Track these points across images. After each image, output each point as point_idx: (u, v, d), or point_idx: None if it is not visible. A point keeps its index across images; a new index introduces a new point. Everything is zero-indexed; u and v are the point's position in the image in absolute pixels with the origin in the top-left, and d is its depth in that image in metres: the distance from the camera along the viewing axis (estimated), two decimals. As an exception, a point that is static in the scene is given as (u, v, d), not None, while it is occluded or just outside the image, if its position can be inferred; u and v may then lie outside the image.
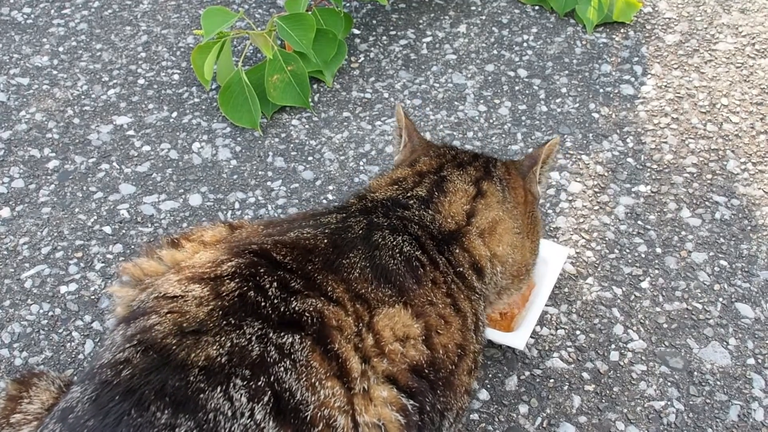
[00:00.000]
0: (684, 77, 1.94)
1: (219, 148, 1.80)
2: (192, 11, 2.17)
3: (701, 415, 1.32)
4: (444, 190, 1.15)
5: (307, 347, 0.88)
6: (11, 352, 1.42)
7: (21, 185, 1.72)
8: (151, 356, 0.84)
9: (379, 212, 1.10)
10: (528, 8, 2.16)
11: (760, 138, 1.79)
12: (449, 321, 1.03)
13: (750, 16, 2.11)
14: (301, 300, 0.92)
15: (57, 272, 1.55)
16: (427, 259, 1.07)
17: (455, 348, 1.02)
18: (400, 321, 0.97)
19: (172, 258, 1.02)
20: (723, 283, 1.51)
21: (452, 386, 1.01)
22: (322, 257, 0.99)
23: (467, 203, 1.14)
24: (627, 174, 1.72)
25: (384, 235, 1.05)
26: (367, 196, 1.15)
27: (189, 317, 0.88)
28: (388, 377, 0.93)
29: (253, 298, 0.91)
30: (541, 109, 1.88)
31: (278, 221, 1.12)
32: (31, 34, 2.11)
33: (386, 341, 0.94)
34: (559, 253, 1.46)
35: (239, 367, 0.84)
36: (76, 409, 0.84)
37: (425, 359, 0.97)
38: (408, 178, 1.19)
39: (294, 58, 1.82)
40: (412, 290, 1.01)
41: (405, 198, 1.13)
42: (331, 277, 0.97)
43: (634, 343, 1.42)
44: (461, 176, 1.18)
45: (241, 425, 0.81)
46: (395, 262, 1.02)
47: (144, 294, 0.96)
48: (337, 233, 1.04)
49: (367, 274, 0.99)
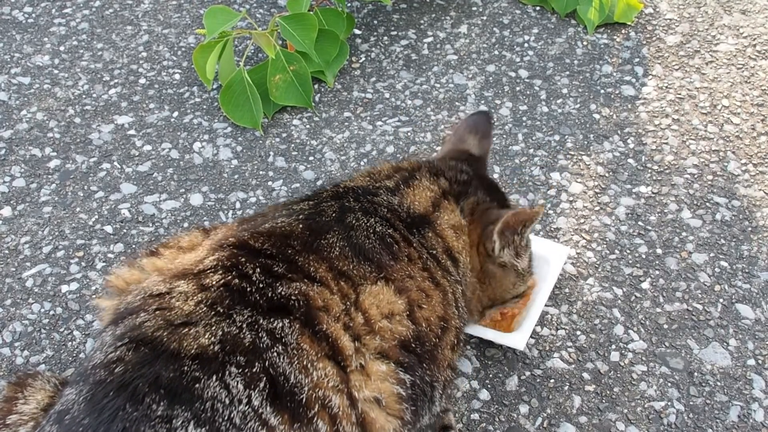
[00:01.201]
0: (685, 78, 1.94)
1: (220, 148, 1.80)
2: (193, 11, 2.17)
3: (701, 416, 1.32)
4: (409, 185, 1.16)
5: (296, 330, 0.89)
6: (12, 351, 1.42)
7: (22, 184, 1.72)
8: (143, 351, 0.85)
9: (350, 197, 1.12)
10: (529, 9, 2.16)
11: (760, 139, 1.79)
12: (429, 294, 1.04)
13: (751, 17, 2.11)
14: (285, 284, 0.93)
15: (58, 271, 1.55)
16: (400, 236, 1.08)
17: (438, 321, 1.04)
18: (384, 298, 0.98)
19: (152, 265, 1.03)
20: (723, 284, 1.51)
21: (436, 360, 1.03)
22: (299, 240, 1.00)
23: (431, 198, 1.15)
24: (628, 175, 1.72)
25: (357, 217, 1.07)
26: (340, 184, 1.18)
27: (177, 311, 0.89)
28: (380, 353, 0.95)
29: (238, 285, 0.91)
30: (542, 109, 1.88)
31: (251, 217, 1.13)
32: (33, 33, 2.11)
33: (375, 319, 0.96)
34: (560, 253, 1.46)
35: (233, 355, 0.84)
36: (72, 410, 0.84)
37: (411, 334, 0.99)
38: (382, 171, 1.21)
39: (296, 58, 1.82)
40: (389, 266, 1.02)
41: (374, 187, 1.15)
42: (312, 257, 0.98)
43: (634, 344, 1.42)
44: (429, 180, 1.18)
45: (240, 412, 0.81)
46: (370, 241, 1.04)
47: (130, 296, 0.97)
48: (311, 218, 1.05)
49: (346, 252, 1.00)
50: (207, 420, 0.80)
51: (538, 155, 1.77)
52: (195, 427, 0.79)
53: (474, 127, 1.32)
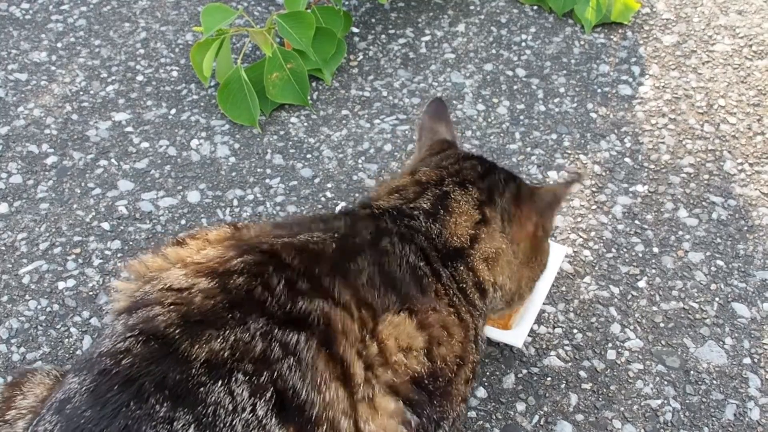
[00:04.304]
0: (681, 78, 1.95)
1: (217, 145, 1.80)
2: (191, 8, 2.17)
3: (697, 414, 1.33)
4: (448, 209, 1.13)
5: (313, 347, 0.88)
6: (9, 348, 1.42)
7: (19, 181, 1.72)
8: (153, 346, 0.84)
9: (387, 219, 1.10)
10: (526, 8, 2.16)
11: (756, 139, 1.80)
12: (452, 332, 1.02)
13: (747, 17, 2.12)
14: (308, 300, 0.92)
15: (55, 268, 1.55)
16: (431, 270, 1.07)
17: (455, 359, 1.02)
18: (404, 331, 0.96)
19: (176, 255, 1.02)
20: (719, 282, 1.52)
21: (449, 396, 1.01)
22: (330, 261, 0.98)
23: (471, 228, 1.13)
24: (624, 174, 1.73)
25: (393, 242, 1.05)
26: (372, 205, 1.15)
27: (194, 308, 0.88)
28: (390, 388, 0.93)
29: (260, 294, 0.90)
30: (539, 108, 1.88)
31: (287, 224, 1.11)
32: (30, 29, 2.11)
33: (390, 351, 0.94)
34: (557, 252, 1.46)
35: (242, 362, 0.84)
36: (74, 399, 0.83)
37: (426, 371, 0.97)
38: (408, 187, 1.18)
39: (293, 56, 1.82)
40: (416, 298, 1.01)
41: (409, 208, 1.13)
42: (339, 280, 0.96)
43: (631, 342, 1.43)
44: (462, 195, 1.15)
45: (243, 420, 0.80)
46: (401, 270, 1.02)
47: (148, 285, 0.96)
48: (345, 238, 1.04)
49: (374, 280, 0.99)
50: (208, 425, 0.79)
51: (535, 154, 1.77)
52: (196, 430, 0.79)
53: (437, 115, 1.32)
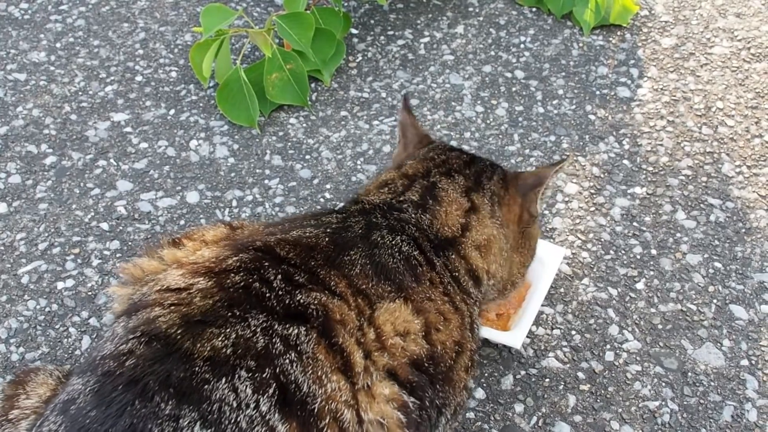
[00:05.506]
0: (680, 80, 1.95)
1: (216, 146, 1.80)
2: (190, 9, 2.17)
3: (695, 416, 1.33)
4: (437, 199, 1.15)
5: (312, 339, 0.89)
6: (8, 348, 1.42)
7: (18, 181, 1.72)
8: (155, 347, 0.84)
9: (377, 213, 1.12)
10: (525, 10, 2.17)
11: (754, 141, 1.80)
12: (448, 318, 1.04)
13: (745, 20, 2.13)
14: (305, 293, 0.92)
15: (54, 268, 1.55)
16: (425, 259, 1.08)
17: (453, 345, 1.03)
18: (401, 316, 0.98)
19: (173, 257, 1.02)
20: (717, 284, 1.53)
21: (451, 381, 1.02)
22: (323, 254, 1.00)
23: (462, 216, 1.15)
24: (623, 176, 1.73)
25: (383, 234, 1.07)
26: (363, 200, 1.17)
27: (194, 308, 0.88)
28: (389, 371, 0.94)
29: (258, 289, 0.91)
30: (537, 110, 1.89)
31: (279, 222, 1.13)
32: (28, 29, 2.11)
33: (387, 335, 0.95)
34: (556, 254, 1.46)
35: (244, 359, 0.84)
36: (78, 400, 0.83)
37: (425, 353, 0.98)
38: (396, 180, 1.19)
39: (293, 57, 1.82)
40: (411, 287, 1.02)
41: (398, 201, 1.14)
42: (333, 272, 0.98)
43: (629, 344, 1.43)
44: (449, 184, 1.17)
45: (247, 416, 0.81)
46: (394, 260, 1.04)
47: (146, 287, 0.96)
48: (337, 232, 1.05)
49: (367, 271, 1.00)
50: (213, 422, 0.80)
51: (534, 156, 1.77)
52: (201, 428, 0.79)
53: (411, 113, 1.33)
